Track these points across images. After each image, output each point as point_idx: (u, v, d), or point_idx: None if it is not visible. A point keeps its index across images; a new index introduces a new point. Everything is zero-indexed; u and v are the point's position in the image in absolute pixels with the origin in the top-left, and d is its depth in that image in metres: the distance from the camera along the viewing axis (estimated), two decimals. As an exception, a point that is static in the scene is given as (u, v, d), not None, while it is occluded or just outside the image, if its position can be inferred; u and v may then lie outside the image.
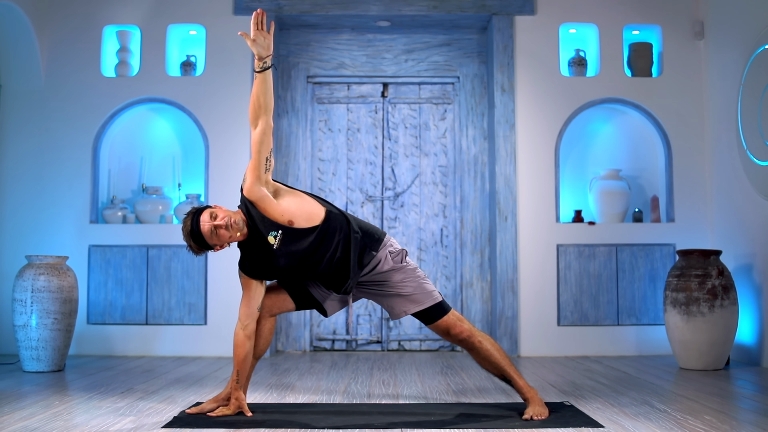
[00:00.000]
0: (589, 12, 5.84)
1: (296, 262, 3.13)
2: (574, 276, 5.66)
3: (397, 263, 3.24)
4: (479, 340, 3.24)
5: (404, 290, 3.23)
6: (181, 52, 6.02)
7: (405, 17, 5.87)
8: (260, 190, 3.08)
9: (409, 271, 3.26)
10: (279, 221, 3.08)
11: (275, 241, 3.08)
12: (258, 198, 3.08)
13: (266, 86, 3.06)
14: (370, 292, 3.31)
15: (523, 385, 3.24)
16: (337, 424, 2.98)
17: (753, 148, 5.00)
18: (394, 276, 3.24)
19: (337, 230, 3.13)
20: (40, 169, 5.66)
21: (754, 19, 5.05)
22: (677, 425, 2.95)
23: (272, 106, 3.10)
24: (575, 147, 5.96)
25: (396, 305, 3.26)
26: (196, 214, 3.10)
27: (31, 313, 4.67)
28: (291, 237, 3.08)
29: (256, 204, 3.09)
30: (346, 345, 5.94)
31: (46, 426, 2.94)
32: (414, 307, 3.23)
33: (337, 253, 3.13)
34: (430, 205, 6.03)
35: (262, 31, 3.02)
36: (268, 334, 3.30)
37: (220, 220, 3.05)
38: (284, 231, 3.08)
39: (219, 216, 3.07)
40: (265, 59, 3.00)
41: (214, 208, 3.12)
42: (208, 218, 3.07)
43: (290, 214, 3.10)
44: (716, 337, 4.69)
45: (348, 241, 3.14)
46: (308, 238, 3.09)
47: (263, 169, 3.07)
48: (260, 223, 3.09)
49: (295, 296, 3.30)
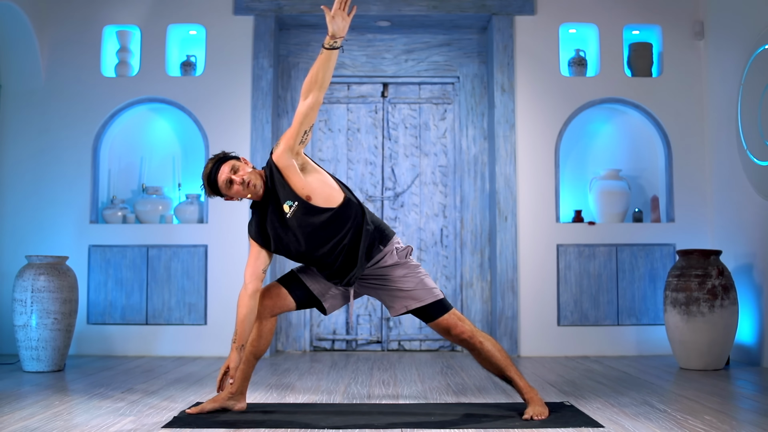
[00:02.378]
0: (589, 12, 5.84)
1: (302, 237, 3.14)
2: (574, 276, 5.66)
3: (402, 258, 3.25)
4: (480, 340, 3.23)
5: (406, 285, 3.23)
6: (181, 52, 6.02)
7: (405, 17, 5.87)
8: (288, 159, 3.11)
9: (412, 267, 3.27)
10: (298, 193, 3.11)
11: (289, 210, 3.11)
12: (285, 166, 3.11)
13: (329, 65, 3.04)
14: (372, 286, 3.30)
15: (524, 386, 3.24)
16: (337, 424, 2.98)
17: (753, 148, 5.00)
18: (396, 271, 3.24)
19: (350, 218, 3.15)
20: (40, 169, 5.66)
21: (754, 19, 5.05)
22: (677, 425, 2.95)
23: (327, 86, 3.08)
24: (575, 147, 5.97)
25: (397, 301, 3.26)
26: (219, 162, 3.16)
27: (31, 313, 4.67)
28: (305, 211, 3.11)
29: (281, 170, 3.12)
30: (346, 345, 5.94)
31: (46, 426, 2.94)
32: (415, 303, 3.23)
33: (345, 240, 3.13)
34: (430, 205, 6.03)
35: (343, 12, 3.01)
36: (268, 333, 3.29)
37: (238, 176, 3.11)
38: (300, 203, 3.10)
39: (239, 172, 3.12)
40: (337, 39, 3.00)
41: (239, 162, 3.17)
42: (228, 170, 3.13)
43: (310, 190, 3.12)
44: (716, 337, 4.69)
45: (359, 232, 3.15)
46: (321, 216, 3.10)
47: (298, 140, 3.10)
48: (280, 188, 3.12)
49: (296, 295, 3.29)
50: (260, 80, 5.73)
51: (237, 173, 3.12)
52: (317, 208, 3.10)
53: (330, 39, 3.01)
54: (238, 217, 5.64)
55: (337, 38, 3.00)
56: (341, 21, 3.01)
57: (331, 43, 3.01)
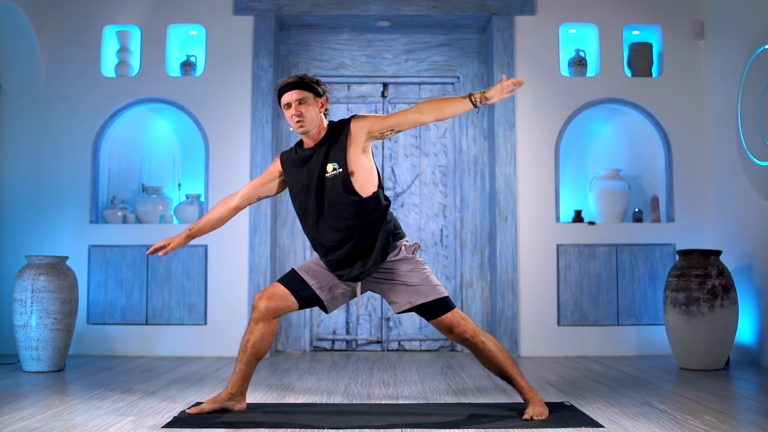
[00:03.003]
0: (589, 12, 5.84)
1: (327, 203, 3.17)
2: (574, 276, 5.66)
3: (409, 254, 3.27)
4: (482, 340, 3.24)
5: (411, 281, 3.24)
6: (181, 52, 6.02)
7: (405, 17, 5.87)
8: (362, 133, 3.18)
9: (419, 263, 3.29)
10: (348, 164, 3.16)
11: (331, 172, 3.16)
12: (355, 134, 3.17)
13: (458, 112, 3.15)
14: (377, 281, 3.30)
15: (525, 386, 3.24)
16: (337, 424, 2.99)
17: (753, 148, 5.00)
18: (402, 266, 3.25)
19: (371, 211, 3.18)
20: (40, 169, 5.66)
21: (754, 19, 5.05)
22: (677, 425, 2.95)
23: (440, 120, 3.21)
24: (575, 147, 5.96)
25: (401, 296, 3.26)
26: (294, 85, 3.19)
27: (31, 313, 4.67)
28: (342, 181, 3.15)
29: (350, 135, 3.18)
30: (346, 345, 5.94)
31: (46, 426, 2.94)
32: (419, 299, 3.23)
33: (359, 228, 3.16)
34: (430, 205, 6.03)
35: (509, 94, 3.14)
36: (270, 336, 3.29)
37: (297, 109, 3.16)
38: (343, 173, 3.15)
39: (302, 105, 3.16)
40: (485, 103, 3.12)
41: (311, 97, 3.19)
42: (295, 96, 3.18)
43: (357, 168, 3.17)
44: (716, 337, 4.69)
45: (374, 227, 3.19)
46: (349, 197, 3.15)
47: (382, 129, 3.18)
48: (335, 150, 3.18)
49: (298, 295, 3.28)
50: (260, 80, 5.73)
51: (300, 105, 3.16)
52: (351, 188, 3.15)
53: (482, 100, 3.10)
54: (237, 217, 5.64)
55: (486, 103, 3.11)
56: (500, 94, 3.10)
57: (478, 102, 3.10)
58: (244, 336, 3.27)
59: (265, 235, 5.64)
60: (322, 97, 3.25)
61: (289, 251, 5.95)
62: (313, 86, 3.22)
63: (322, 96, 3.25)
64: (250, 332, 3.24)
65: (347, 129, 3.19)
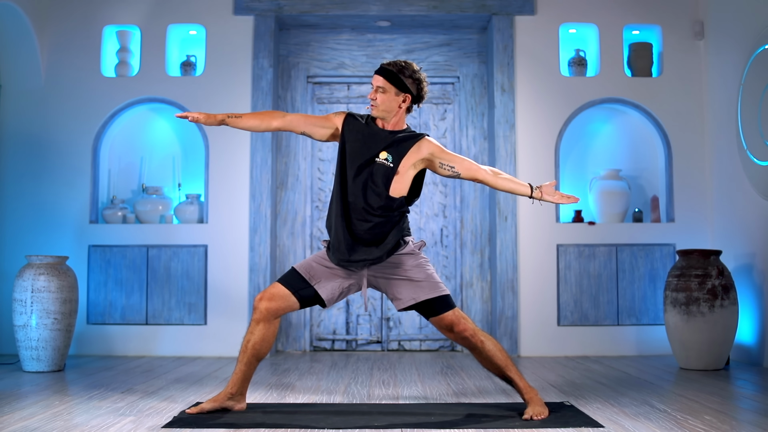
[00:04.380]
0: (589, 12, 5.84)
1: (363, 179, 3.23)
2: (574, 276, 5.66)
3: (416, 249, 3.32)
4: (482, 340, 3.24)
5: (416, 276, 3.27)
6: (181, 52, 6.02)
7: (405, 17, 5.87)
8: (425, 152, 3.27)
9: (423, 260, 3.32)
10: (399, 166, 3.23)
11: (381, 159, 3.23)
12: (420, 150, 3.27)
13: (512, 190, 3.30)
14: (381, 276, 3.31)
15: (524, 386, 3.24)
16: (337, 424, 2.99)
17: (753, 148, 5.00)
18: (408, 260, 3.28)
19: (393, 209, 3.25)
20: (40, 169, 5.66)
21: (754, 19, 5.05)
22: (677, 425, 2.95)
23: (493, 188, 3.39)
24: (575, 147, 5.96)
25: (405, 292, 3.27)
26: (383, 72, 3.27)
27: (31, 313, 4.67)
28: (383, 173, 3.22)
29: (416, 145, 3.26)
30: (346, 345, 5.94)
31: (46, 426, 2.94)
32: (423, 295, 3.25)
33: (377, 218, 3.22)
34: (430, 205, 6.03)
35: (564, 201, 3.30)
36: (272, 336, 3.29)
37: (375, 95, 3.25)
38: (391, 168, 3.23)
39: (382, 94, 3.25)
40: (541, 201, 3.34)
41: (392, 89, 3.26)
42: (380, 81, 3.26)
43: (402, 174, 3.24)
44: (716, 337, 4.69)
45: (392, 222, 3.26)
46: (381, 190, 3.22)
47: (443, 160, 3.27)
48: (396, 146, 3.25)
49: (299, 294, 3.27)
50: (260, 80, 5.73)
51: (380, 93, 3.25)
52: (388, 182, 3.22)
53: (536, 197, 3.25)
54: (237, 218, 5.64)
55: (541, 201, 3.29)
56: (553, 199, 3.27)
57: (535, 197, 3.26)
58: (245, 336, 3.27)
59: (265, 235, 5.63)
60: (407, 93, 3.28)
61: (289, 251, 5.95)
62: (401, 81, 3.26)
63: (408, 93, 3.28)
64: (251, 333, 3.24)
65: (418, 140, 3.28)
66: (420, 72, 3.30)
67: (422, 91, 3.31)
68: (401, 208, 3.27)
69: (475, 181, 3.36)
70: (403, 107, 3.29)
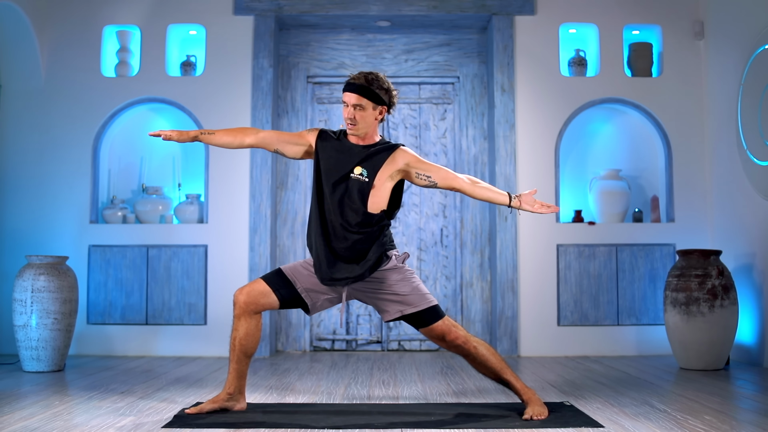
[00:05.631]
0: (589, 12, 5.84)
1: (338, 196, 3.20)
2: (574, 276, 5.66)
3: (399, 263, 3.27)
4: (474, 345, 3.24)
5: (401, 290, 3.24)
6: (181, 52, 6.02)
7: (405, 17, 5.87)
8: (401, 163, 3.22)
9: (407, 273, 3.29)
10: (375, 179, 3.20)
11: (357, 173, 3.20)
12: (395, 161, 3.22)
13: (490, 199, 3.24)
14: (365, 290, 3.29)
15: (521, 387, 3.24)
16: (337, 424, 2.99)
17: (753, 148, 5.00)
18: (392, 276, 3.25)
19: (372, 224, 3.21)
20: (40, 169, 5.66)
21: (754, 19, 5.05)
22: (677, 425, 2.95)
23: (471, 197, 3.41)
24: (575, 147, 5.97)
25: (391, 305, 3.26)
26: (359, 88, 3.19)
27: (31, 313, 4.67)
28: (359, 188, 3.19)
29: (390, 157, 3.22)
30: (346, 345, 5.94)
31: (46, 426, 2.94)
32: (409, 309, 3.23)
33: (355, 235, 3.18)
34: (430, 205, 6.03)
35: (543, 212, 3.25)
36: (255, 330, 3.26)
37: (352, 113, 3.19)
38: (366, 183, 3.19)
39: (358, 112, 3.19)
40: (519, 210, 3.36)
41: (369, 105, 3.21)
42: (354, 99, 3.18)
43: (379, 188, 3.21)
44: (716, 337, 4.69)
45: (372, 238, 3.21)
46: (358, 206, 3.18)
47: (419, 170, 3.23)
48: (374, 160, 3.22)
49: (280, 294, 3.25)
50: (260, 80, 5.73)
51: (356, 110, 3.18)
52: (365, 197, 3.19)
53: (514, 206, 3.20)
54: (238, 218, 5.64)
55: (518, 210, 3.25)
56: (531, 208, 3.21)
57: (513, 206, 3.20)
58: (231, 335, 3.27)
59: (265, 235, 5.64)
60: (383, 105, 3.24)
61: (289, 251, 5.95)
62: (376, 95, 3.20)
63: (383, 104, 3.24)
64: (236, 330, 3.25)
65: (392, 152, 3.23)
66: (386, 79, 3.26)
67: (393, 98, 3.27)
68: (381, 223, 3.23)
69: (452, 190, 3.31)
70: (378, 119, 3.26)
